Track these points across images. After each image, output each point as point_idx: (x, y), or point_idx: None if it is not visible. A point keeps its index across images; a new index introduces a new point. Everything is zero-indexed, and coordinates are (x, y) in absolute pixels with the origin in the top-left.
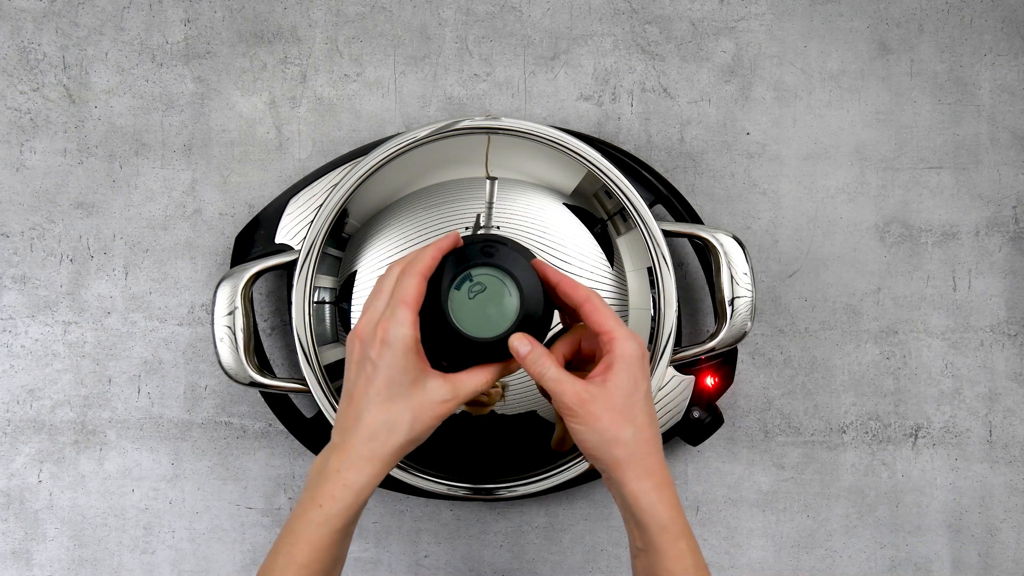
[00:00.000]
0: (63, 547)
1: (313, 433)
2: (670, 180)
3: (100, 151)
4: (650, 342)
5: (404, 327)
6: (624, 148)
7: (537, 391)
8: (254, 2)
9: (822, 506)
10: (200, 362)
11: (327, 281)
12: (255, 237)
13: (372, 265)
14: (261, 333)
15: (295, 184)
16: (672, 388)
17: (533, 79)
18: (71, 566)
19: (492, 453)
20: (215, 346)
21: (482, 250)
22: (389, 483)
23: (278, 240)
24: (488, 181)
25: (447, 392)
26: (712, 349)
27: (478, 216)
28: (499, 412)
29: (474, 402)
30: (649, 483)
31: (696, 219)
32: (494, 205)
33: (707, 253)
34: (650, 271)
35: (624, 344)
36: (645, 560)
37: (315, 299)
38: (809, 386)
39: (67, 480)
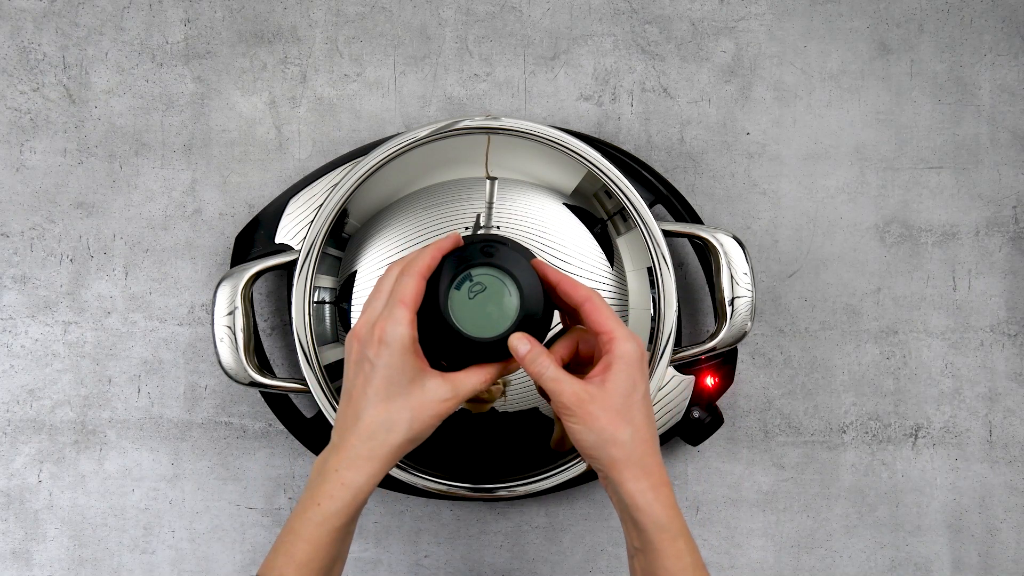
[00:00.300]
0: (63, 547)
1: (313, 433)
2: (670, 180)
3: (100, 151)
4: (650, 342)
5: (401, 326)
6: (624, 148)
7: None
8: (254, 2)
9: (822, 506)
10: (200, 362)
11: (327, 281)
12: (255, 237)
13: (372, 265)
14: (261, 333)
15: (295, 184)
16: (672, 388)
17: (533, 79)
18: (71, 566)
19: (492, 453)
20: (215, 346)
21: (482, 250)
22: (389, 483)
23: (278, 240)
24: (488, 181)
25: (446, 391)
26: (712, 349)
27: (478, 216)
28: (500, 410)
29: (474, 399)
30: (646, 483)
31: (696, 219)
32: (494, 205)
33: (707, 253)
34: (650, 271)
35: (623, 344)
36: (643, 560)
37: (315, 299)
38: (809, 386)
39: (67, 480)
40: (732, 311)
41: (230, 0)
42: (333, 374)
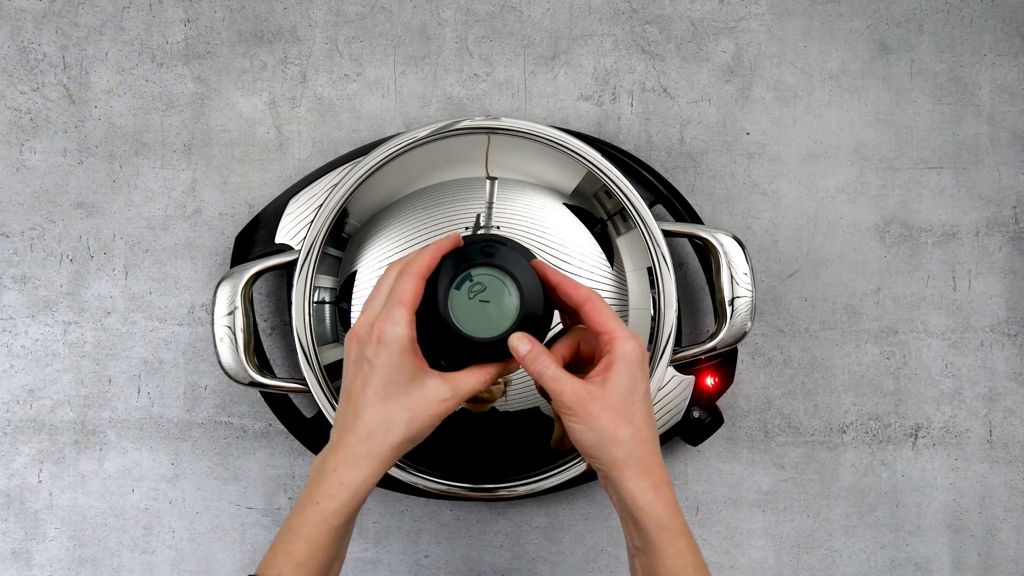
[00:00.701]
0: (63, 547)
1: (313, 433)
2: (670, 180)
3: (100, 151)
4: (650, 342)
5: (400, 326)
6: (624, 148)
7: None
8: (254, 2)
9: (822, 506)
10: (200, 362)
11: (327, 281)
12: (255, 237)
13: (372, 265)
14: (261, 333)
15: (295, 184)
16: (672, 388)
17: (533, 79)
18: (71, 566)
19: (492, 452)
20: (215, 346)
21: (482, 250)
22: (389, 483)
23: (278, 240)
24: (488, 181)
25: (445, 391)
26: (712, 349)
27: (478, 216)
28: (500, 409)
29: (475, 399)
30: (647, 482)
31: (696, 219)
32: (494, 205)
33: (707, 253)
34: (650, 271)
35: (624, 344)
36: (644, 559)
37: (315, 299)
38: (809, 386)
39: (67, 480)
40: (732, 311)
41: (230, 0)
42: (333, 374)
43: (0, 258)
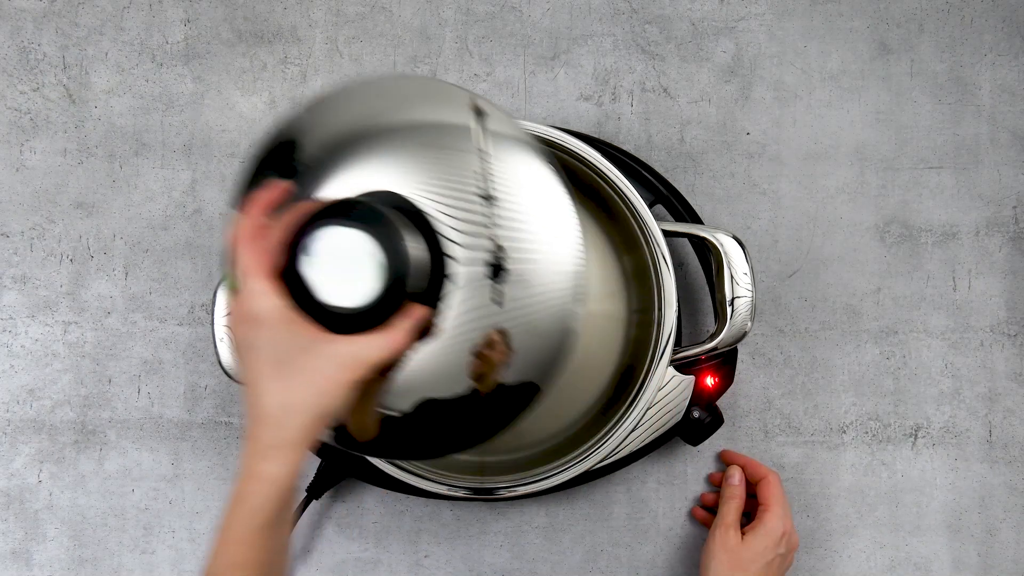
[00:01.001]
0: (63, 547)
1: None
2: (670, 180)
3: (100, 151)
4: (650, 342)
5: (265, 298)
6: (624, 148)
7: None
8: (254, 2)
9: (822, 506)
10: (200, 362)
11: None
12: None
13: None
14: None
15: None
16: (672, 388)
17: (533, 79)
18: (71, 566)
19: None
20: (215, 346)
21: (342, 210)
22: (389, 483)
23: None
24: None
25: (346, 358)
26: (712, 349)
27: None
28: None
29: (358, 424)
30: None
31: (696, 219)
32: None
33: (707, 253)
34: (650, 271)
35: (773, 520)
36: None
37: None
38: (809, 386)
39: (67, 480)
40: (732, 311)
41: (230, 0)
42: None
43: (0, 258)
